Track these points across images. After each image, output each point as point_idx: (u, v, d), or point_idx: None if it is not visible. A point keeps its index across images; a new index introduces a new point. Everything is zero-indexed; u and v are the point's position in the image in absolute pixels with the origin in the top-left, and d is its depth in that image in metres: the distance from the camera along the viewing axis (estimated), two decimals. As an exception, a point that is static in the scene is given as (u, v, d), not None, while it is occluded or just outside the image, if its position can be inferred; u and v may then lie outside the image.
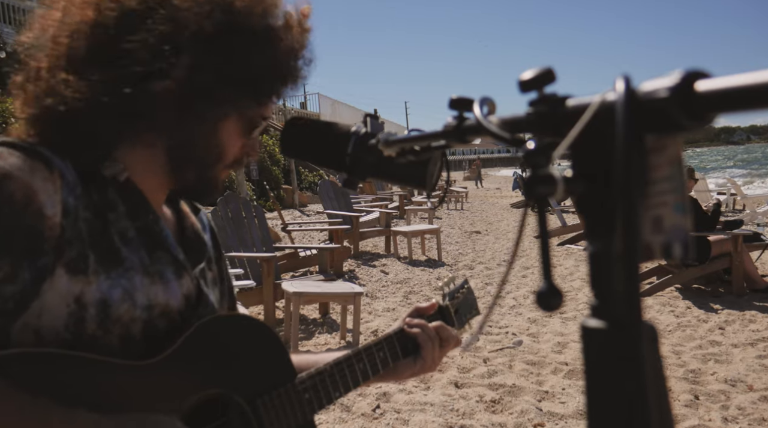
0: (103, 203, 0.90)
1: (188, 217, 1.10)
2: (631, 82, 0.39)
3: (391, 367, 1.20)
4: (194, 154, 0.95)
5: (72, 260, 0.83)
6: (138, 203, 0.94)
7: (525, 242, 11.24)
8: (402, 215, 13.18)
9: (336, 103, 33.67)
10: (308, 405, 1.04)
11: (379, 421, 3.56)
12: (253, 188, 15.84)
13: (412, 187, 0.75)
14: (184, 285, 0.97)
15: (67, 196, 0.84)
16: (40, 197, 0.81)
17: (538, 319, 5.79)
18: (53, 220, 0.82)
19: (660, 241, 0.41)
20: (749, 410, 3.71)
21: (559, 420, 3.59)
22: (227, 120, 0.95)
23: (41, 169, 0.82)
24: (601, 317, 0.41)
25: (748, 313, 5.90)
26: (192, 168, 0.96)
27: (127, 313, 0.87)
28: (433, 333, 1.24)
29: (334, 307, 5.93)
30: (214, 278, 1.10)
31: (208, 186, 0.99)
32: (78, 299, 0.84)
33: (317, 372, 1.07)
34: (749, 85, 0.35)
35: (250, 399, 0.97)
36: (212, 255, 1.12)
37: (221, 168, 0.98)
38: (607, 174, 0.40)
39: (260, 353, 1.01)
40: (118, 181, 0.93)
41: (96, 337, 0.85)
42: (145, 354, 0.88)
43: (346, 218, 8.86)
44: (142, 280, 0.90)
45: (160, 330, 0.91)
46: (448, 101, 0.54)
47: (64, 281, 0.83)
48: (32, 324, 0.82)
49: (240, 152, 0.99)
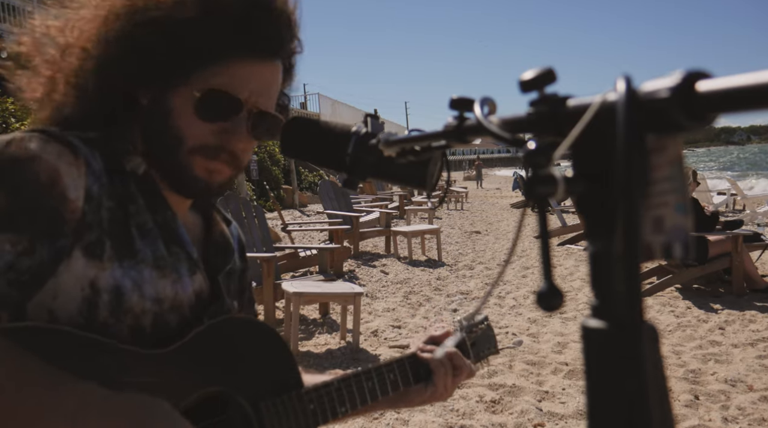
0: (126, 195, 0.91)
1: (218, 225, 1.10)
2: (631, 83, 0.39)
3: (401, 391, 1.18)
4: (154, 139, 0.94)
5: (90, 244, 0.85)
6: (156, 198, 0.95)
7: (525, 242, 11.24)
8: (402, 215, 13.18)
9: (336, 103, 33.69)
10: (312, 416, 1.03)
11: (379, 421, 3.56)
12: (253, 188, 15.84)
13: (413, 187, 0.75)
14: (197, 282, 0.97)
15: (92, 183, 0.87)
16: (65, 180, 0.83)
17: (538, 319, 5.79)
18: (75, 204, 0.84)
19: (660, 241, 0.41)
20: (749, 410, 3.71)
21: (559, 420, 3.59)
22: (174, 99, 0.92)
23: (67, 154, 0.85)
24: (602, 318, 0.41)
25: (748, 313, 5.90)
26: (157, 155, 0.95)
27: (137, 304, 0.88)
28: (446, 359, 1.21)
29: (334, 307, 5.93)
30: (236, 289, 1.11)
31: (182, 175, 0.94)
32: (93, 283, 0.85)
33: (324, 384, 1.06)
34: (750, 86, 0.35)
35: (253, 401, 0.97)
36: (238, 267, 1.13)
37: (186, 153, 0.93)
38: (608, 174, 0.40)
39: (268, 358, 1.00)
40: (138, 175, 0.94)
41: (107, 324, 0.86)
42: (154, 347, 0.89)
43: (346, 218, 8.86)
44: (152, 273, 0.91)
45: (170, 325, 0.92)
46: (449, 101, 0.54)
47: (80, 264, 0.84)
48: (47, 304, 0.83)
49: (211, 138, 0.93)
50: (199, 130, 0.92)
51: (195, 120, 0.92)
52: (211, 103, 0.91)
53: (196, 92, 0.91)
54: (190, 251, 0.98)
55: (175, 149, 0.93)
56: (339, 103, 34.55)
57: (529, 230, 12.66)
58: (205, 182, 0.95)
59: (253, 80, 0.93)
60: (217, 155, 0.94)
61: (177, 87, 0.92)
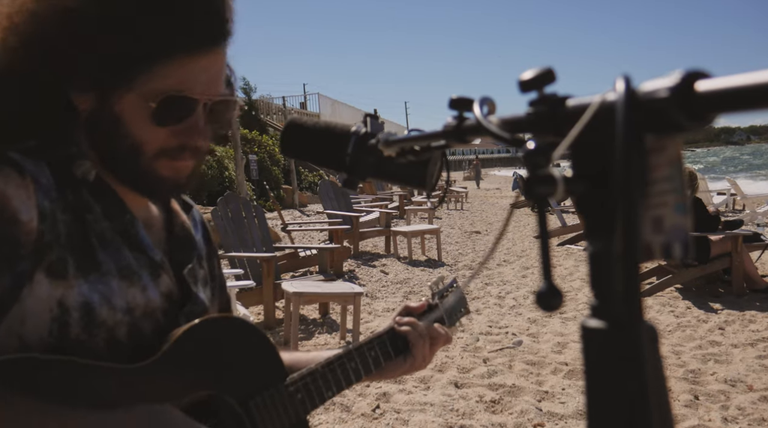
0: (79, 204, 0.88)
1: (178, 215, 1.07)
2: (631, 83, 0.39)
3: (383, 367, 1.20)
4: (106, 149, 0.90)
5: (52, 264, 0.83)
6: (112, 203, 0.92)
7: (525, 242, 11.24)
8: (402, 215, 13.18)
9: (336, 103, 33.68)
10: (301, 405, 1.05)
11: (379, 421, 3.55)
12: (253, 188, 15.84)
13: (412, 187, 0.75)
14: (163, 284, 0.95)
15: (42, 200, 0.83)
16: (14, 204, 0.80)
17: (538, 319, 5.79)
18: (29, 225, 0.81)
19: (660, 241, 0.41)
20: (749, 410, 3.71)
21: (559, 420, 3.59)
22: (119, 106, 0.86)
23: (14, 176, 0.82)
24: (601, 318, 0.41)
25: (748, 313, 5.90)
26: (114, 164, 0.91)
27: (109, 317, 0.87)
28: (424, 331, 1.23)
29: (334, 307, 5.93)
30: (204, 276, 1.09)
31: (147, 179, 0.90)
32: (60, 303, 0.83)
33: (309, 372, 1.07)
34: (749, 86, 0.35)
35: (242, 400, 0.97)
36: (203, 253, 1.11)
37: (148, 160, 0.89)
38: (607, 174, 0.40)
39: (250, 354, 1.01)
40: (89, 181, 0.90)
41: (81, 341, 0.84)
42: (132, 356, 0.88)
43: (346, 218, 8.86)
44: (119, 284, 0.89)
45: (146, 332, 0.91)
46: (448, 101, 0.54)
47: (44, 286, 0.82)
48: (15, 330, 0.82)
49: (171, 140, 0.89)
50: (156, 135, 0.88)
51: (151, 127, 0.87)
52: (169, 108, 0.87)
53: (152, 103, 0.85)
54: (152, 255, 0.95)
55: (133, 157, 0.89)
56: (339, 103, 34.55)
57: (529, 230, 12.65)
58: (173, 180, 0.92)
59: (203, 74, 0.88)
60: (181, 154, 0.90)
61: (120, 93, 0.86)
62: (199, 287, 1.04)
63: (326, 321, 5.70)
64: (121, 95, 0.86)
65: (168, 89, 0.86)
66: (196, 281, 1.04)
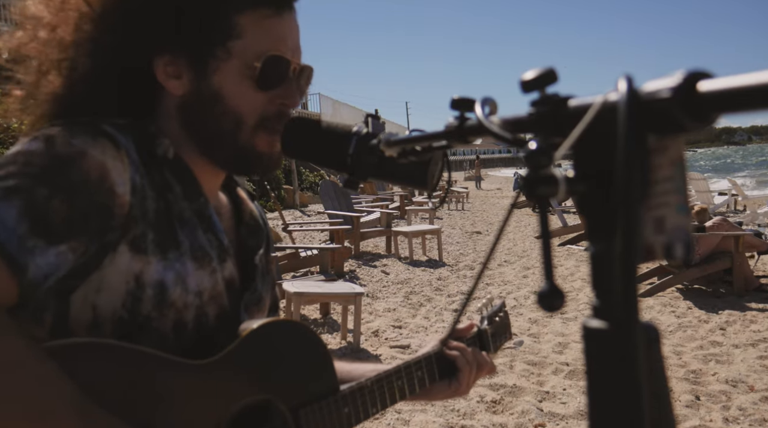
0: (162, 183, 0.90)
1: (246, 204, 1.08)
2: (633, 83, 0.39)
3: (426, 388, 1.18)
4: (205, 129, 0.92)
5: (136, 238, 0.84)
6: (190, 183, 0.93)
7: (526, 242, 11.24)
8: (403, 215, 13.18)
9: (337, 103, 33.67)
10: (347, 419, 1.03)
11: (379, 421, 3.55)
12: (254, 188, 15.84)
13: (414, 187, 0.75)
14: (227, 270, 0.96)
15: (134, 174, 0.85)
16: (112, 176, 0.82)
17: (539, 319, 5.79)
18: (123, 198, 0.83)
19: (662, 241, 0.41)
20: (750, 410, 3.70)
21: (560, 420, 3.59)
22: (216, 78, 0.90)
23: (110, 147, 0.83)
24: (603, 318, 0.41)
25: (749, 313, 5.89)
26: (211, 144, 0.93)
27: (180, 298, 0.87)
28: (472, 358, 1.21)
29: (335, 307, 5.93)
30: (263, 269, 1.08)
31: (247, 156, 0.93)
32: (138, 277, 0.84)
33: (359, 387, 1.06)
34: (751, 86, 0.35)
35: (293, 408, 0.96)
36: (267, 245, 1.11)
37: (249, 132, 0.92)
38: (609, 175, 0.40)
39: (308, 362, 1.00)
40: (169, 159, 0.92)
41: (151, 318, 0.85)
42: (195, 345, 0.88)
43: (347, 218, 8.86)
44: (193, 264, 0.89)
45: (210, 317, 0.91)
46: (450, 101, 0.54)
47: (126, 258, 0.83)
48: (90, 298, 0.83)
49: (270, 106, 0.92)
50: (256, 102, 0.91)
51: (251, 93, 0.90)
52: (272, 69, 0.90)
53: (256, 63, 0.89)
54: (221, 239, 0.96)
55: (234, 133, 0.91)
56: (340, 103, 34.55)
57: (530, 230, 12.64)
58: (268, 156, 0.94)
59: (289, 38, 0.92)
60: (278, 124, 0.91)
61: (217, 64, 0.89)
62: (261, 277, 1.04)
63: (327, 321, 5.70)
64: (218, 66, 0.90)
65: (267, 50, 0.89)
66: (262, 270, 1.05)
